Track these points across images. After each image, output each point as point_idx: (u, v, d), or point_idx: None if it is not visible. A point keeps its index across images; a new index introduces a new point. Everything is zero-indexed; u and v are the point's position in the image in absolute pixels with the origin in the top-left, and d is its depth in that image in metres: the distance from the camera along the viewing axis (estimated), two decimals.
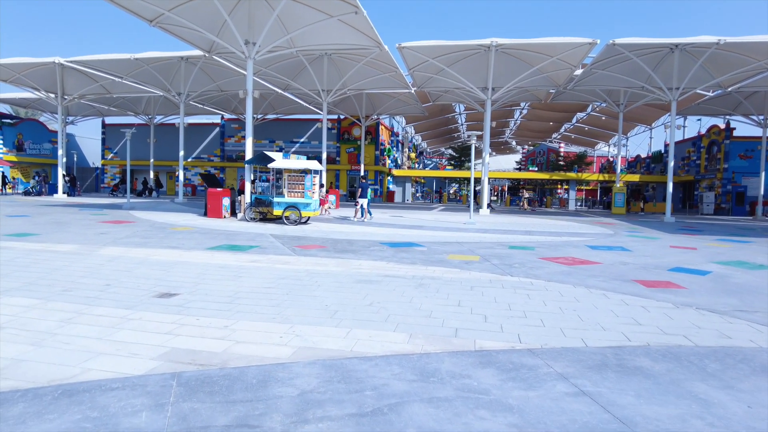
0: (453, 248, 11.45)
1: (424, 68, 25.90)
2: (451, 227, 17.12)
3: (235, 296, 6.22)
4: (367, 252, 10.49)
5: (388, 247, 11.43)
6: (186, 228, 14.56)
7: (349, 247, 11.16)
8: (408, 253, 10.51)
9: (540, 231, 16.44)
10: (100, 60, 26.19)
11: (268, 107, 38.69)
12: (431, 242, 12.55)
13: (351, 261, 9.25)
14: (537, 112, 52.02)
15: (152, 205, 26.10)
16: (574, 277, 8.07)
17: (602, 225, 20.37)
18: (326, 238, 13.05)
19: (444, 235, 14.53)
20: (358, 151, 39.70)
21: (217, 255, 9.61)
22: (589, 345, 4.64)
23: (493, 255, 10.42)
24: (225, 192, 18.19)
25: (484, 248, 11.55)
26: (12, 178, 42.94)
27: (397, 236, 13.79)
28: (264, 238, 12.52)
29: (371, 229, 15.57)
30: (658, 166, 48.62)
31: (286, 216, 16.12)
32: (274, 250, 10.57)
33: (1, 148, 42.74)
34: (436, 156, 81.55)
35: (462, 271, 8.37)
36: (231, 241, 11.75)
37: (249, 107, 18.61)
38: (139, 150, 44.79)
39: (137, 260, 8.73)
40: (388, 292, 6.62)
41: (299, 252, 10.33)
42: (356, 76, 27.52)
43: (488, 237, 14.12)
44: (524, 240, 13.58)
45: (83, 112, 44.16)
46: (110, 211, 20.70)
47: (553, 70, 26.15)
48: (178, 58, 27.92)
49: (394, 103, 36.17)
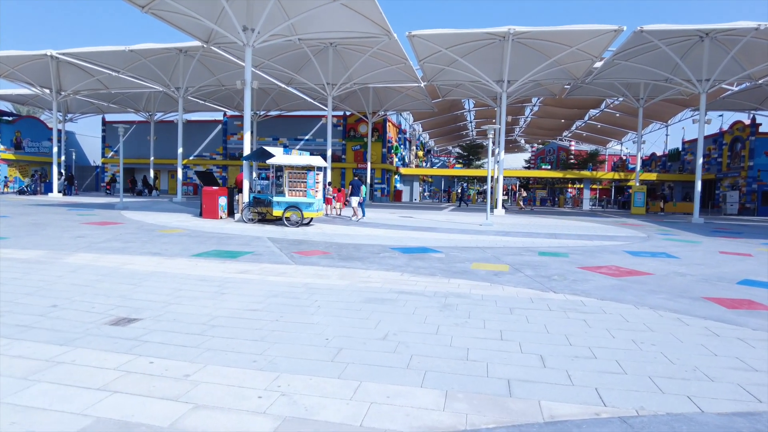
0: (475, 255, 10.01)
1: (436, 59, 24.42)
2: (468, 229, 15.67)
3: (210, 323, 4.83)
4: (376, 259, 9.07)
5: (400, 253, 10.01)
6: (176, 230, 13.21)
7: (355, 254, 9.75)
8: (424, 260, 9.08)
9: (566, 234, 14.96)
10: (93, 52, 24.93)
11: (272, 103, 37.36)
12: (448, 247, 11.12)
13: (358, 271, 7.83)
14: (548, 108, 50.46)
15: (148, 204, 24.82)
16: (631, 294, 6.61)
17: (628, 227, 18.84)
18: (330, 242, 11.64)
19: (461, 238, 13.08)
20: (364, 148, 38.31)
21: (202, 264, 8.23)
22: (705, 410, 3.20)
23: (523, 264, 8.97)
24: (221, 191, 16.83)
25: (510, 255, 10.10)
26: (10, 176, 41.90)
27: (409, 240, 12.37)
28: (260, 242, 11.13)
29: (380, 232, 14.15)
30: (676, 164, 46.87)
31: (287, 217, 14.74)
32: (269, 256, 9.17)
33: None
34: (443, 154, 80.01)
35: (493, 286, 6.93)
36: (222, 246, 10.38)
37: (247, 99, 17.24)
38: (140, 148, 43.65)
39: (106, 271, 7.36)
40: (406, 317, 5.20)
41: (298, 260, 8.92)
42: (363, 68, 26.10)
43: (511, 241, 12.66)
44: (552, 245, 12.11)
45: (82, 108, 43.06)
46: (101, 211, 19.41)
47: (572, 62, 24.61)
48: (176, 51, 26.64)
49: (402, 99, 34.73)
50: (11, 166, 42.45)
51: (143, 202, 26.56)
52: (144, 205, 23.53)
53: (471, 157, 63.58)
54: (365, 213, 20.12)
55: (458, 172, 53.27)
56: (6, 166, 42.19)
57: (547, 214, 26.93)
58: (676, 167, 46.66)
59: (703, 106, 22.43)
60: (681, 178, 41.45)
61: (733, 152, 36.27)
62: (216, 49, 22.97)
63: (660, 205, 33.67)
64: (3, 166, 42.14)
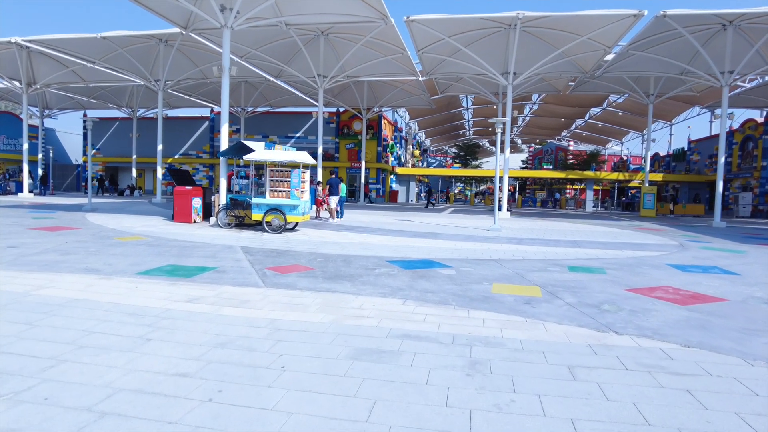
0: (492, 270, 8.14)
1: (436, 49, 22.55)
2: (474, 235, 13.82)
3: (98, 408, 2.93)
4: (370, 278, 7.19)
5: (399, 268, 8.13)
6: (135, 237, 11.27)
7: (344, 269, 7.87)
8: (430, 280, 7.21)
9: (587, 241, 13.13)
10: (63, 39, 22.88)
11: (260, 98, 35.39)
12: (457, 260, 9.25)
13: (346, 298, 5.96)
14: (549, 107, 48.88)
15: (121, 206, 22.81)
16: (719, 335, 4.78)
17: (650, 232, 17.05)
18: (315, 252, 9.75)
19: (469, 247, 11.22)
20: (358, 146, 36.40)
21: (145, 286, 6.32)
22: None
23: (556, 284, 7.12)
24: (195, 191, 14.89)
25: (535, 271, 8.24)
26: None
27: (409, 250, 10.49)
28: (230, 254, 9.22)
29: (375, 239, 12.27)
30: (681, 164, 45.28)
31: (268, 222, 12.83)
32: (235, 275, 7.28)
33: None
34: (439, 154, 78.23)
35: (529, 323, 5.07)
36: (182, 259, 8.46)
37: (225, 87, 15.31)
38: (123, 146, 41.56)
39: (5, 299, 5.44)
40: (417, 392, 3.33)
41: (271, 279, 7.03)
42: (356, 59, 24.23)
43: (529, 251, 10.81)
44: (579, 256, 10.26)
45: (62, 104, 40.87)
46: (64, 213, 17.41)
47: (582, 53, 22.85)
48: (155, 40, 24.67)
49: (399, 94, 32.85)
50: None
51: (117, 204, 24.54)
52: (116, 207, 21.52)
53: (468, 157, 61.89)
54: (343, 214, 18.34)
55: (457, 172, 51.48)
56: None
57: (553, 217, 25.15)
58: (681, 168, 45.06)
59: (726, 100, 20.69)
60: (689, 178, 39.86)
61: (744, 152, 34.66)
62: (196, 37, 21.02)
63: (669, 207, 32.00)
64: None
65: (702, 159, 40.87)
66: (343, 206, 18.32)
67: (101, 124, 44.07)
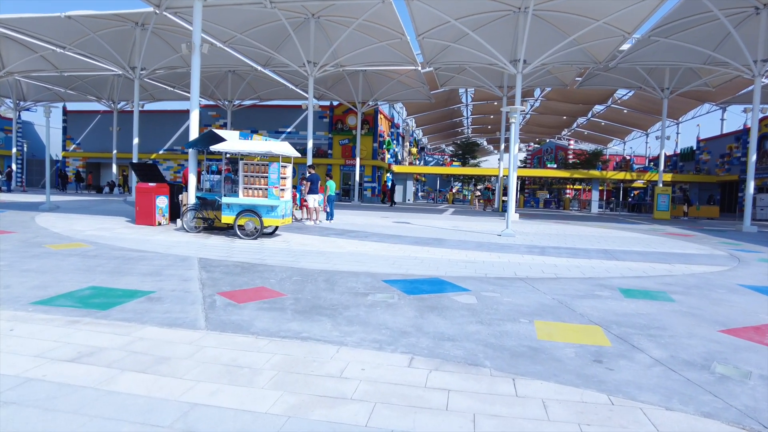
0: (525, 296, 6.09)
1: (439, 33, 20.43)
2: (486, 242, 11.77)
3: None
4: (360, 312, 5.12)
5: (400, 293, 6.07)
6: (75, 245, 9.15)
7: (325, 295, 5.80)
8: (445, 314, 5.15)
9: (620, 250, 11.09)
10: (21, 18, 20.60)
11: (248, 89, 33.19)
12: (475, 278, 7.20)
13: (321, 353, 3.90)
14: (551, 104, 47.05)
15: (89, 205, 20.64)
16: None
17: (681, 238, 15.06)
18: (292, 267, 7.68)
19: (485, 258, 9.16)
20: (353, 142, 34.27)
21: (27, 327, 4.25)
22: None
23: (620, 321, 5.08)
24: (160, 188, 12.76)
25: (581, 297, 6.19)
26: None
27: (412, 262, 8.44)
28: (180, 269, 7.14)
29: (369, 248, 10.20)
30: (689, 164, 43.46)
31: (240, 225, 10.73)
32: (171, 306, 5.19)
33: None
34: (437, 152, 76.19)
35: (619, 409, 3.02)
36: (112, 278, 6.38)
37: (195, 67, 13.17)
38: (105, 140, 39.22)
39: None
40: None
41: (219, 313, 4.95)
42: (350, 44, 22.13)
43: (558, 264, 8.77)
44: (623, 272, 8.22)
45: (38, 95, 38.50)
46: (13, 213, 15.24)
47: (597, 40, 20.84)
48: (132, 24, 22.49)
49: (396, 86, 30.73)
50: None
51: (85, 202, 22.35)
52: (81, 206, 19.35)
53: (466, 155, 59.92)
54: (333, 216, 16.29)
55: (456, 170, 49.42)
56: None
57: (562, 219, 23.15)
58: (689, 167, 43.22)
59: (758, 91, 18.72)
60: (700, 179, 38.02)
61: (760, 150, 32.77)
62: (171, 17, 18.82)
63: (683, 208, 30.06)
64: None
65: (713, 158, 39.04)
66: (333, 206, 16.27)
67: (82, 118, 41.79)
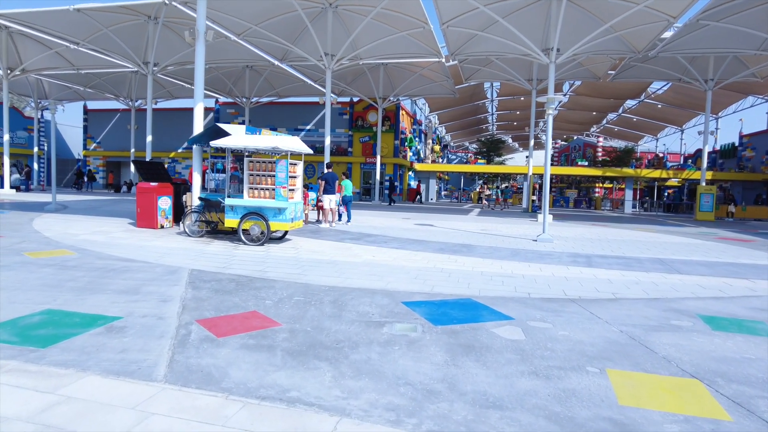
0: (584, 328, 4.77)
1: (465, 21, 19.00)
2: (521, 249, 10.41)
3: None
4: (372, 356, 3.89)
5: (425, 323, 4.82)
6: (58, 252, 8.16)
7: (329, 327, 4.59)
8: (485, 359, 3.88)
9: (677, 260, 9.60)
10: (28, 12, 19.97)
11: (265, 86, 32.27)
12: (517, 299, 5.90)
13: (315, 427, 2.68)
14: (580, 99, 45.06)
15: (98, 205, 19.92)
16: None
17: (740, 243, 13.41)
18: (296, 282, 6.50)
19: (524, 271, 7.84)
20: (374, 140, 33.06)
21: None
22: None
23: (725, 371, 3.73)
24: (162, 188, 11.76)
25: (656, 328, 4.83)
26: None
27: (438, 276, 7.17)
28: (163, 286, 6.02)
29: (387, 256, 8.96)
30: (730, 161, 40.93)
31: (245, 229, 9.62)
32: (132, 342, 4.05)
33: None
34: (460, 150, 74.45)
35: None
36: (81, 296, 5.31)
37: (200, 55, 12.13)
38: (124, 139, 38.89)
39: None
40: None
41: (187, 355, 3.78)
42: (369, 34, 20.91)
43: (612, 278, 7.38)
44: (695, 290, 6.79)
45: (59, 94, 38.41)
46: (15, 214, 14.49)
47: (637, 26, 19.15)
48: (144, 17, 21.71)
49: (418, 80, 29.38)
50: None
51: (94, 202, 21.65)
52: (89, 206, 18.61)
53: (491, 153, 58.18)
54: (351, 217, 15.11)
55: (481, 168, 47.72)
56: None
57: (597, 221, 21.52)
58: (730, 165, 40.68)
59: None
60: (745, 177, 35.62)
61: None
62: (181, 7, 17.94)
63: (728, 209, 27.97)
64: None
65: (758, 155, 36.56)
66: (350, 207, 15.10)
67: (102, 116, 41.66)
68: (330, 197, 13.71)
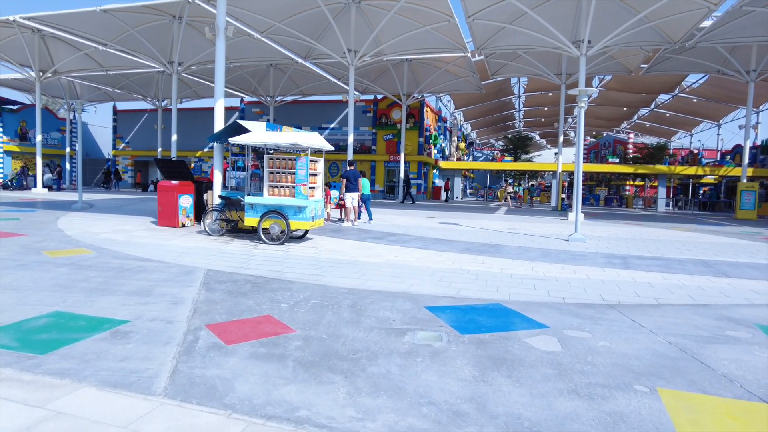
0: (626, 338, 4.30)
1: (492, 14, 18.43)
2: (553, 249, 9.89)
3: None
4: (392, 369, 3.53)
5: (451, 331, 4.43)
6: (77, 251, 8.05)
7: (346, 334, 4.25)
8: (518, 376, 3.47)
9: (722, 261, 8.93)
10: (57, 15, 20.29)
11: (289, 84, 32.20)
12: (550, 304, 5.46)
13: None
14: (610, 94, 43.62)
15: (123, 203, 20.11)
16: None
17: None
18: (314, 284, 6.18)
19: (556, 273, 7.36)
20: (398, 137, 32.67)
21: None
22: None
23: None
24: (183, 186, 11.64)
25: (707, 339, 4.32)
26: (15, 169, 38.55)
27: (463, 277, 6.76)
28: (177, 287, 5.79)
29: (410, 256, 8.58)
30: None
31: (264, 228, 9.38)
32: (135, 349, 3.79)
33: (1, 137, 38.36)
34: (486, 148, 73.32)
35: None
36: (91, 297, 5.11)
37: (220, 52, 11.94)
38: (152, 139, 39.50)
39: None
40: None
41: (192, 366, 3.49)
42: (392, 29, 20.53)
43: (653, 281, 6.84)
44: (748, 296, 6.20)
45: (90, 95, 39.25)
46: (42, 213, 14.63)
47: (674, 15, 18.24)
48: (169, 17, 21.80)
49: (443, 76, 28.83)
50: (16, 158, 39.13)
51: (120, 200, 21.89)
52: (115, 205, 18.77)
53: (518, 150, 57.05)
54: (372, 216, 14.76)
55: (508, 165, 46.77)
56: (10, 158, 38.93)
57: (631, 219, 20.67)
58: None
59: None
60: None
61: None
62: (204, 5, 17.90)
63: None
64: (7, 158, 38.91)
65: None
66: (369, 205, 14.76)
67: (130, 117, 42.45)
68: (352, 195, 13.41)
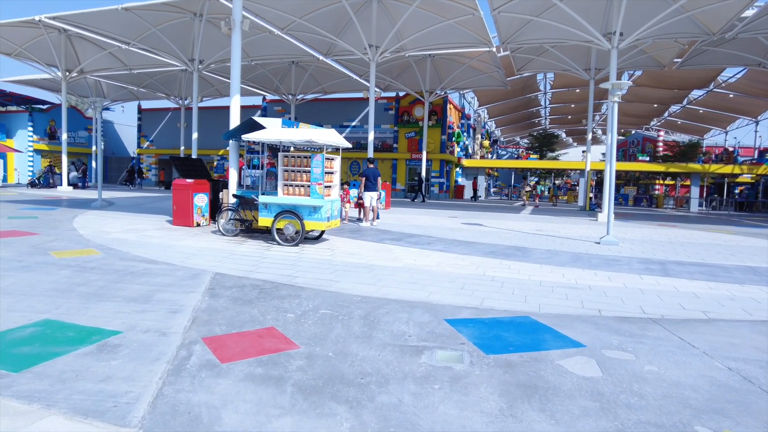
0: (676, 363, 3.73)
1: (518, 6, 17.71)
2: (584, 254, 9.25)
3: None
4: (404, 395, 3.05)
5: (473, 347, 3.93)
6: (84, 252, 7.81)
7: (356, 350, 3.79)
8: (553, 411, 2.95)
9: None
10: (80, 14, 20.34)
11: (311, 81, 31.94)
12: (584, 319, 4.90)
13: None
14: (641, 90, 42.09)
15: (142, 202, 20.08)
16: None
17: None
18: (325, 291, 5.75)
19: (590, 281, 6.77)
20: (420, 135, 32.11)
21: None
22: None
23: None
24: (198, 185, 11.37)
25: None
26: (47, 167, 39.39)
27: (488, 285, 6.24)
28: (179, 292, 5.42)
29: (430, 260, 8.09)
30: None
31: (278, 229, 9.00)
32: (121, 365, 3.40)
33: (31, 136, 39.21)
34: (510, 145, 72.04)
35: None
36: (87, 303, 4.77)
37: (236, 46, 11.61)
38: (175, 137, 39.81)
39: None
40: None
41: (182, 387, 3.07)
42: (414, 23, 20.00)
43: (698, 291, 6.20)
44: None
45: (116, 94, 39.75)
46: (61, 211, 14.60)
47: (713, 4, 17.25)
48: (190, 15, 21.70)
49: (466, 72, 28.12)
50: (45, 156, 39.96)
51: (140, 199, 21.89)
52: (134, 203, 18.73)
53: (544, 148, 55.77)
54: (379, 216, 14.32)
55: (534, 164, 45.64)
56: (40, 157, 39.78)
57: (664, 221, 19.71)
58: None
59: None
60: None
61: None
62: (223, 1, 17.68)
63: None
64: (37, 156, 39.77)
65: None
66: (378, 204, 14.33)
67: (154, 115, 42.88)
68: (371, 194, 12.97)
